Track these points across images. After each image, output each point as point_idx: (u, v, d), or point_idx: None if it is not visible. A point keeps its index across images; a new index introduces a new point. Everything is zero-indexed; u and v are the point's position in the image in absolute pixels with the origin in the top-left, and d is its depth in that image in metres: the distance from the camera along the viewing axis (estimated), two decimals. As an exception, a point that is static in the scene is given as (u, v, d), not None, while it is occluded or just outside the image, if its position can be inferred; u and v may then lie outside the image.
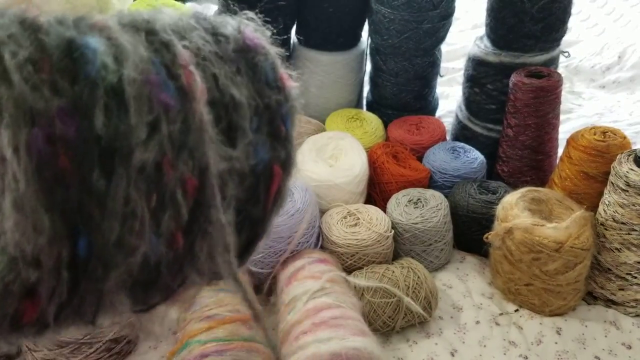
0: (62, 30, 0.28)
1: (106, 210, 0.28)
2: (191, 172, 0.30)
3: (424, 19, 1.55)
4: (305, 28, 1.72)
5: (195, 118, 0.30)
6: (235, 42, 0.34)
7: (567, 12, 1.53)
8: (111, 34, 0.29)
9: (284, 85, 0.36)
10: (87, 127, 0.27)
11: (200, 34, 0.33)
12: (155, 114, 0.29)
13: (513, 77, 1.48)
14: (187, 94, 0.30)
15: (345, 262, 1.25)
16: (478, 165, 1.50)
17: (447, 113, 2.03)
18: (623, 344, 1.21)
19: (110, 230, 0.28)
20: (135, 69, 0.28)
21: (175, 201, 0.30)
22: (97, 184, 0.27)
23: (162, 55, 0.30)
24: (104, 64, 0.28)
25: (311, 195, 1.28)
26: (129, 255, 0.29)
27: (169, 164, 0.29)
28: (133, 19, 0.31)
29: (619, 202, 1.19)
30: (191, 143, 0.30)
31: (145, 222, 0.29)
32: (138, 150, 0.28)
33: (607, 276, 1.27)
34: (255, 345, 0.98)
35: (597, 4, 3.00)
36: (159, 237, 0.30)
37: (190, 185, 0.30)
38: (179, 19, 0.34)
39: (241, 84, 0.33)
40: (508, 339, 1.21)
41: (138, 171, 0.28)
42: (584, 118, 2.07)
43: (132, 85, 0.28)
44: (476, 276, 1.37)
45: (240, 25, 0.35)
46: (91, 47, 0.28)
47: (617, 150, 1.28)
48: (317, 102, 1.76)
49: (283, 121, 0.35)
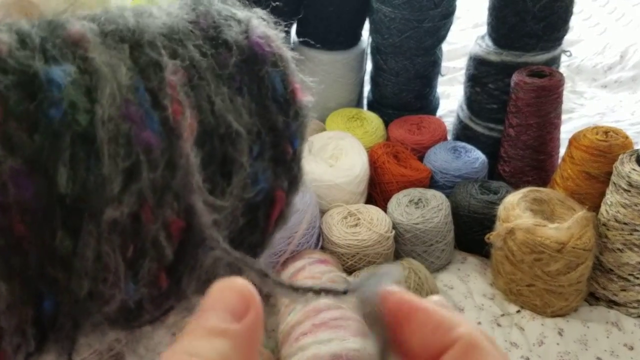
0: (24, 58, 0.23)
1: (73, 270, 0.24)
2: (177, 214, 0.26)
3: (425, 17, 1.54)
4: (306, 27, 1.71)
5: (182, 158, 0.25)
6: (240, 50, 0.29)
7: (569, 11, 1.52)
8: (87, 54, 0.24)
9: (295, 99, 0.30)
10: (48, 187, 0.23)
11: (198, 42, 0.28)
12: (134, 159, 0.24)
13: (514, 77, 1.47)
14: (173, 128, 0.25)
15: (345, 263, 1.25)
16: (479, 165, 1.49)
17: (448, 112, 2.02)
18: (625, 344, 1.20)
19: (79, 288, 0.24)
20: (112, 103, 0.24)
21: (158, 246, 0.26)
22: (61, 246, 0.23)
23: (149, 77, 0.25)
24: (72, 104, 0.23)
25: (311, 195, 1.28)
26: (104, 305, 0.26)
27: (149, 211, 0.25)
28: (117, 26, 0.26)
29: (621, 203, 1.19)
30: (176, 185, 0.25)
31: (121, 273, 0.25)
32: (110, 206, 0.24)
33: (609, 277, 1.26)
34: (255, 347, 0.97)
35: (598, 3, 2.99)
36: (138, 283, 0.26)
37: (176, 227, 0.26)
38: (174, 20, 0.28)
39: (242, 106, 0.28)
40: (510, 340, 1.20)
41: (110, 227, 0.24)
42: (586, 118, 2.06)
43: (107, 126, 0.23)
44: (477, 277, 1.36)
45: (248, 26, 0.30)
46: (57, 83, 0.23)
47: (619, 150, 1.27)
48: (317, 102, 1.73)
49: (291, 142, 0.30)
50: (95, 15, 0.27)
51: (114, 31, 0.26)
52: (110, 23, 0.26)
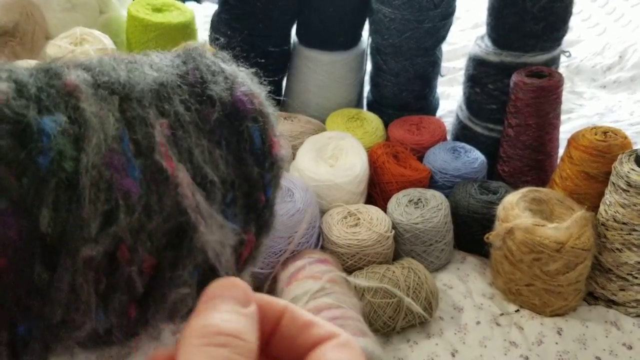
0: (20, 108, 0.25)
1: (47, 299, 0.26)
2: (149, 252, 0.28)
3: (425, 18, 1.55)
4: (306, 28, 1.72)
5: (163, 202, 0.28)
6: (223, 106, 0.31)
7: (569, 12, 1.52)
8: (79, 104, 0.26)
9: (272, 152, 0.32)
10: (30, 227, 0.25)
11: (184, 97, 0.30)
12: (113, 203, 0.26)
13: (514, 77, 1.47)
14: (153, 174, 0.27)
15: (345, 263, 1.25)
16: (479, 165, 1.50)
17: (448, 113, 2.02)
18: (624, 344, 1.20)
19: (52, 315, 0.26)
20: (98, 152, 0.26)
21: (130, 281, 0.28)
22: (39, 279, 0.25)
23: (134, 129, 0.27)
24: (59, 152, 0.25)
25: (311, 195, 1.28)
26: (75, 331, 0.28)
27: (125, 251, 0.27)
28: (110, 79, 0.28)
29: (620, 203, 1.19)
30: (152, 227, 0.27)
31: (92, 304, 0.27)
32: (87, 246, 0.26)
33: (608, 276, 1.26)
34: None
35: (598, 4, 2.99)
36: (108, 313, 0.28)
37: (148, 264, 0.28)
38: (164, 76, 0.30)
39: (219, 158, 0.30)
40: (509, 340, 1.21)
41: (85, 263, 0.26)
42: (585, 118, 2.07)
43: (90, 173, 0.26)
44: (477, 276, 1.37)
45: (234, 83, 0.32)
46: (47, 133, 0.25)
47: (618, 150, 1.27)
48: (317, 102, 1.75)
49: (264, 190, 0.32)
50: (91, 65, 0.29)
51: (107, 83, 0.28)
52: (103, 75, 0.28)
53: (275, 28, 1.64)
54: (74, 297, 0.26)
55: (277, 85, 1.82)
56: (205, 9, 2.84)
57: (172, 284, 0.29)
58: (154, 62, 0.31)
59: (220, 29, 1.65)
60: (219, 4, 1.67)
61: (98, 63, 0.29)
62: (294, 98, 1.79)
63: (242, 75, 0.33)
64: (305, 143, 1.49)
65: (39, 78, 0.27)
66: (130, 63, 0.30)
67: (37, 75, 0.27)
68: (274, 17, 1.61)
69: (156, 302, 0.29)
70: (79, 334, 0.28)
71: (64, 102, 0.26)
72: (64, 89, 0.27)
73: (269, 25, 1.62)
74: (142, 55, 0.32)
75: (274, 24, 1.63)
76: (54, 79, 0.27)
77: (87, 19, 1.77)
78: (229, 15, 1.62)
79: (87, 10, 1.78)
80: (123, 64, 0.30)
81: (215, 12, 1.70)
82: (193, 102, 0.30)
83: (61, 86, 0.27)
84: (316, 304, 1.04)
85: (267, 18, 1.60)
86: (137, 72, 0.29)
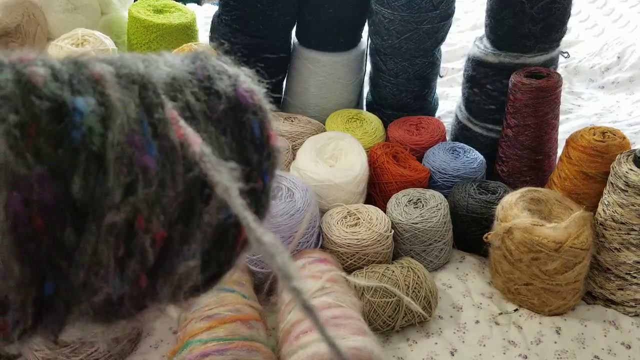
0: (56, 89, 0.29)
1: (73, 261, 0.29)
2: (162, 225, 0.31)
3: (424, 19, 1.55)
4: (306, 28, 1.72)
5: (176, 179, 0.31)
6: (228, 99, 0.35)
7: (567, 13, 1.53)
8: (105, 90, 0.30)
9: (269, 143, 0.37)
10: (64, 192, 0.28)
11: (194, 89, 0.34)
12: (134, 177, 0.30)
13: (512, 78, 1.48)
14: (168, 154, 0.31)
15: (345, 262, 1.26)
16: (477, 165, 1.50)
17: (447, 113, 2.03)
18: (622, 343, 1.21)
19: (76, 277, 0.30)
20: (121, 131, 0.30)
21: (143, 250, 0.31)
22: (68, 240, 0.29)
23: (152, 114, 0.31)
24: (90, 128, 0.29)
25: (311, 195, 1.29)
26: (93, 295, 0.31)
27: (142, 220, 0.31)
28: (130, 70, 0.32)
29: (618, 202, 1.20)
30: (165, 201, 0.31)
31: (111, 269, 0.31)
32: (111, 212, 0.29)
33: (606, 276, 1.27)
34: (256, 345, 0.98)
35: (596, 5, 3.00)
36: (123, 280, 0.32)
37: (159, 236, 0.32)
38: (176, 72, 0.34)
39: (224, 144, 0.34)
40: (507, 339, 1.21)
41: (109, 229, 0.30)
42: (583, 118, 2.07)
43: (115, 149, 0.29)
44: (476, 276, 1.37)
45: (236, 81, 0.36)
46: (79, 111, 0.29)
47: (616, 150, 1.28)
48: (317, 102, 1.76)
49: (262, 176, 0.36)
50: (113, 59, 0.33)
51: (128, 74, 0.32)
52: (124, 67, 0.32)
53: (276, 29, 1.65)
54: (95, 261, 0.30)
55: (278, 85, 1.83)
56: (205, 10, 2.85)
57: (181, 257, 0.33)
58: (167, 60, 0.35)
59: (221, 30, 1.66)
60: (220, 5, 1.68)
61: (119, 58, 0.33)
62: (294, 98, 1.80)
63: (243, 75, 0.37)
64: (305, 143, 1.49)
65: (69, 67, 0.30)
66: (146, 60, 0.34)
67: (67, 64, 0.30)
68: (274, 18, 1.62)
69: (164, 274, 0.33)
70: (97, 299, 0.31)
71: (92, 88, 0.30)
72: (91, 77, 0.30)
73: (269, 27, 1.63)
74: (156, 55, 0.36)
75: (274, 26, 1.63)
76: (82, 68, 0.30)
77: (88, 20, 1.78)
78: (229, 16, 1.63)
79: (88, 11, 1.79)
80: (140, 60, 0.33)
81: (216, 14, 1.71)
82: (202, 94, 0.34)
83: (89, 75, 0.30)
84: (316, 303, 1.05)
85: (267, 19, 1.61)
86: (153, 67, 0.33)
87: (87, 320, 0.33)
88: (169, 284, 0.34)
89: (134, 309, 0.34)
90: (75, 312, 0.31)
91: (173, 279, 0.34)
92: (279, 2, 1.59)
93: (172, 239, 0.32)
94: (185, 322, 1.04)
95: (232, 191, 0.30)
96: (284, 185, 1.29)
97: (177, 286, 0.34)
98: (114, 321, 0.34)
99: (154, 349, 1.15)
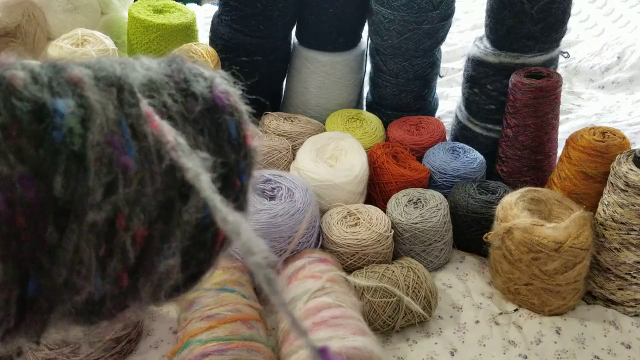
0: (36, 91, 0.29)
1: (56, 259, 0.30)
2: (142, 224, 0.32)
3: (424, 19, 1.55)
4: (306, 28, 1.73)
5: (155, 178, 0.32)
6: (204, 101, 0.35)
7: (567, 13, 1.53)
8: (84, 92, 0.31)
9: (246, 143, 0.37)
10: (46, 191, 0.29)
11: (171, 92, 0.34)
12: (113, 176, 0.30)
13: (512, 78, 1.48)
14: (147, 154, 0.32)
15: (345, 262, 1.26)
16: (477, 165, 1.51)
17: (447, 113, 2.03)
18: (622, 343, 1.21)
19: (58, 276, 0.30)
20: (101, 132, 0.30)
21: (125, 249, 0.32)
22: (50, 238, 0.29)
23: (130, 115, 0.32)
24: (70, 129, 0.29)
25: (311, 195, 1.29)
26: (75, 294, 0.31)
27: (122, 219, 0.31)
28: (108, 73, 0.32)
29: (618, 202, 1.20)
30: (145, 200, 0.32)
31: (92, 267, 0.31)
32: (92, 211, 0.30)
33: (606, 276, 1.27)
34: (256, 345, 0.98)
35: (596, 5, 3.00)
36: (105, 279, 0.32)
37: (140, 235, 0.32)
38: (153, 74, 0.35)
39: (202, 144, 0.35)
40: (507, 339, 1.21)
41: (90, 227, 0.30)
42: (583, 118, 2.07)
43: (95, 149, 0.30)
44: (476, 276, 1.37)
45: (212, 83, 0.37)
46: (60, 112, 0.29)
47: (616, 150, 1.28)
48: (317, 102, 1.76)
49: (239, 176, 0.37)
50: (90, 63, 0.33)
51: (105, 77, 0.32)
52: (102, 70, 0.32)
53: (276, 29, 1.65)
54: (77, 259, 0.30)
55: (278, 86, 1.83)
56: (205, 10, 2.85)
57: (161, 255, 0.33)
58: (144, 63, 0.35)
59: (221, 30, 1.66)
60: (220, 5, 1.68)
61: (96, 62, 0.33)
62: (294, 98, 1.80)
63: (218, 77, 0.38)
64: (305, 143, 1.49)
65: (48, 70, 0.31)
66: (123, 63, 0.34)
67: (46, 68, 0.31)
68: (274, 18, 1.62)
69: (145, 272, 0.33)
70: (79, 298, 0.31)
71: (71, 90, 0.30)
72: (70, 80, 0.31)
73: (269, 27, 1.63)
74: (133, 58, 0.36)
75: (274, 26, 1.63)
76: (60, 71, 0.31)
77: (88, 20, 1.78)
78: (229, 16, 1.63)
79: (88, 11, 1.79)
80: (117, 63, 0.34)
81: (216, 14, 1.71)
82: (179, 96, 0.35)
83: (68, 77, 0.31)
84: (316, 303, 1.05)
85: (267, 19, 1.61)
86: (129, 69, 0.34)
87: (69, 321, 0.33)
88: (149, 282, 0.34)
89: (115, 309, 0.34)
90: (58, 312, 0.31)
91: (154, 278, 0.34)
92: (279, 2, 1.59)
93: (153, 238, 0.33)
94: (185, 322, 1.04)
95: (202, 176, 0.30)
96: (284, 185, 1.29)
97: (157, 285, 0.35)
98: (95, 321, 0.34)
99: (154, 349, 1.15)
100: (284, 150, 1.51)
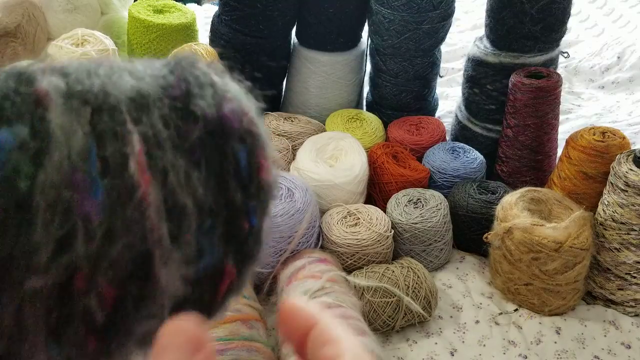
0: None
1: None
2: (110, 282, 0.25)
3: (424, 19, 1.55)
4: (306, 28, 1.73)
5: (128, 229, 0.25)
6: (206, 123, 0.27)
7: (567, 13, 1.53)
8: (46, 114, 0.24)
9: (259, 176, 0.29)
10: None
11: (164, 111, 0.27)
12: (70, 228, 0.23)
13: (512, 78, 1.48)
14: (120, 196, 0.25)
15: (345, 262, 1.26)
16: (477, 165, 1.51)
17: (447, 113, 2.03)
18: (622, 343, 1.21)
19: None
20: (58, 170, 0.23)
21: (88, 312, 0.25)
22: None
23: (104, 145, 0.24)
24: (15, 168, 0.23)
25: (311, 195, 1.29)
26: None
27: (81, 280, 0.24)
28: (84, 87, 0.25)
29: (618, 202, 1.20)
30: (115, 254, 0.24)
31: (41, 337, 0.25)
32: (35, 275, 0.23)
33: (606, 276, 1.27)
34: (256, 345, 0.98)
35: (596, 5, 3.00)
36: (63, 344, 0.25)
37: (109, 294, 0.25)
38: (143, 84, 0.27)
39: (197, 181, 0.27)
40: (507, 339, 1.21)
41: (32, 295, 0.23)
42: (583, 118, 2.07)
43: (47, 193, 0.23)
44: (476, 276, 1.37)
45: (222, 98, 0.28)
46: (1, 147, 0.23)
47: (616, 150, 1.28)
48: (317, 102, 1.76)
49: (248, 218, 0.29)
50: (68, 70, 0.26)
51: (80, 92, 0.25)
52: (78, 83, 0.26)
53: (276, 29, 1.65)
54: (18, 330, 0.24)
55: (278, 86, 1.83)
56: (205, 10, 2.85)
57: (139, 316, 0.26)
58: (135, 69, 0.28)
59: (221, 30, 1.66)
60: (220, 5, 1.68)
61: (75, 69, 0.26)
62: (294, 98, 1.80)
63: (234, 89, 0.29)
64: (305, 143, 1.49)
65: (8, 84, 0.25)
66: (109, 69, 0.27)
67: (6, 80, 0.25)
68: (274, 18, 1.62)
69: (120, 334, 0.26)
70: None
71: (29, 112, 0.24)
72: (32, 97, 0.24)
73: (269, 27, 1.63)
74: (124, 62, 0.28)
75: (274, 26, 1.63)
76: (23, 85, 0.25)
77: (88, 20, 1.78)
78: (229, 16, 1.63)
79: (88, 11, 1.79)
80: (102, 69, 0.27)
81: (216, 14, 1.71)
82: (173, 116, 0.27)
83: (30, 94, 0.24)
84: (316, 303, 1.05)
85: (267, 19, 1.61)
86: (114, 79, 0.27)
87: None
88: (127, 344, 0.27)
89: None
90: None
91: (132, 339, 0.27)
92: (279, 2, 1.59)
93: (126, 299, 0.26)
94: (185, 322, 1.04)
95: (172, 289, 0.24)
96: (284, 185, 1.29)
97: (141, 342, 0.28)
98: None
99: (154, 349, 1.15)
100: (284, 150, 1.51)
